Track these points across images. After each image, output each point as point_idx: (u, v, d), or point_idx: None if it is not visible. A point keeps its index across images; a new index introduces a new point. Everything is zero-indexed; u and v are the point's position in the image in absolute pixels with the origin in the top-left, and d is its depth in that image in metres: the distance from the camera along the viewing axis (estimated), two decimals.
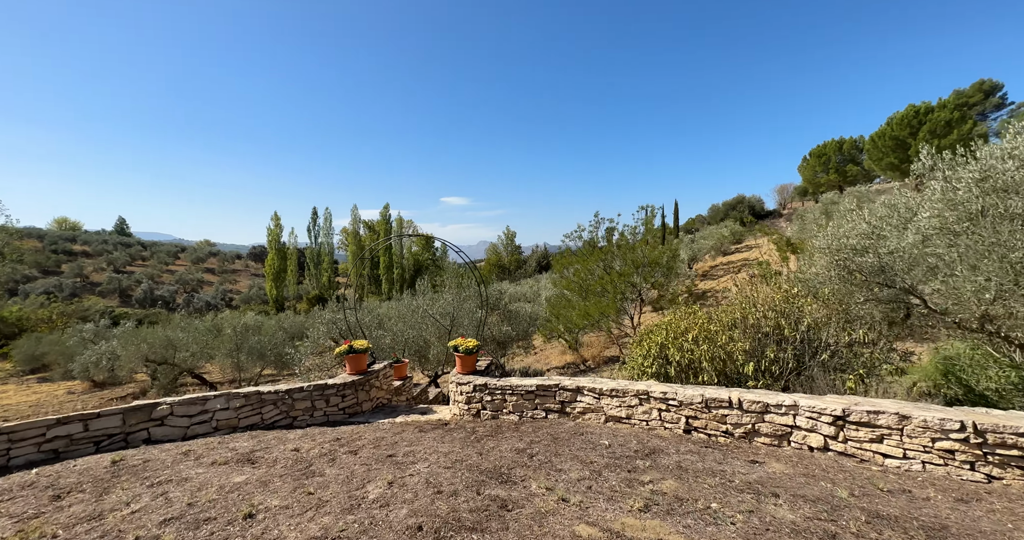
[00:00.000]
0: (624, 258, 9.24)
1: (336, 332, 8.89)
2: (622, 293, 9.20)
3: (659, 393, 3.89)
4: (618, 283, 8.94)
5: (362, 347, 5.58)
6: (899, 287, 4.38)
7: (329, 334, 8.89)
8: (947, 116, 30.60)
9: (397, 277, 54.37)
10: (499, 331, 10.81)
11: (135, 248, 63.18)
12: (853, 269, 4.59)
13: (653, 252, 9.08)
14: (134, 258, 60.40)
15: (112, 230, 75.75)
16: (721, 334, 5.66)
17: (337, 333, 8.90)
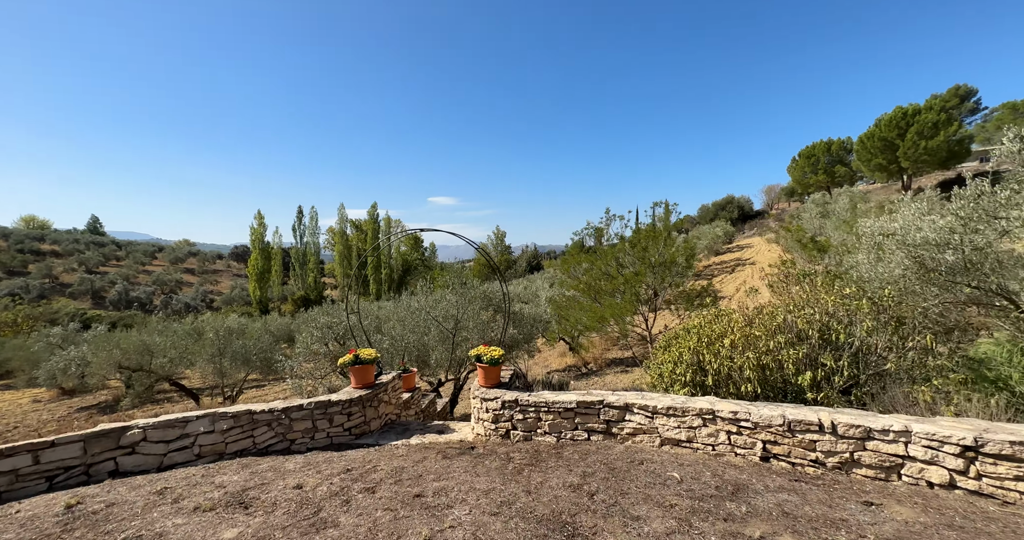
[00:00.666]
0: (639, 256, 8.76)
1: (331, 337, 8.17)
2: (637, 294, 8.70)
3: (727, 413, 3.34)
4: (633, 283, 8.45)
5: (369, 357, 4.91)
6: (990, 288, 3.94)
7: (323, 339, 8.15)
8: (934, 118, 31.14)
9: (386, 277, 53.20)
10: (506, 334, 10.19)
11: (109, 248, 60.51)
12: (931, 266, 4.13)
13: (670, 250, 8.62)
14: (108, 258, 57.81)
15: (84, 229, 72.47)
16: (765, 339, 5.17)
17: (332, 338, 8.18)
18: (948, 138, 30.89)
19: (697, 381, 5.70)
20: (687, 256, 8.65)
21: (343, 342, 8.21)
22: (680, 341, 6.35)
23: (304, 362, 8.68)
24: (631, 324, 8.98)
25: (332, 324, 8.17)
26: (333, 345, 8.30)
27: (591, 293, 9.48)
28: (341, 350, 8.09)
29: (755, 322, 5.47)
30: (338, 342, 8.20)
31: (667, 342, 6.97)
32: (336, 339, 8.14)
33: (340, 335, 8.12)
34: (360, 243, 55.39)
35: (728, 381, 5.42)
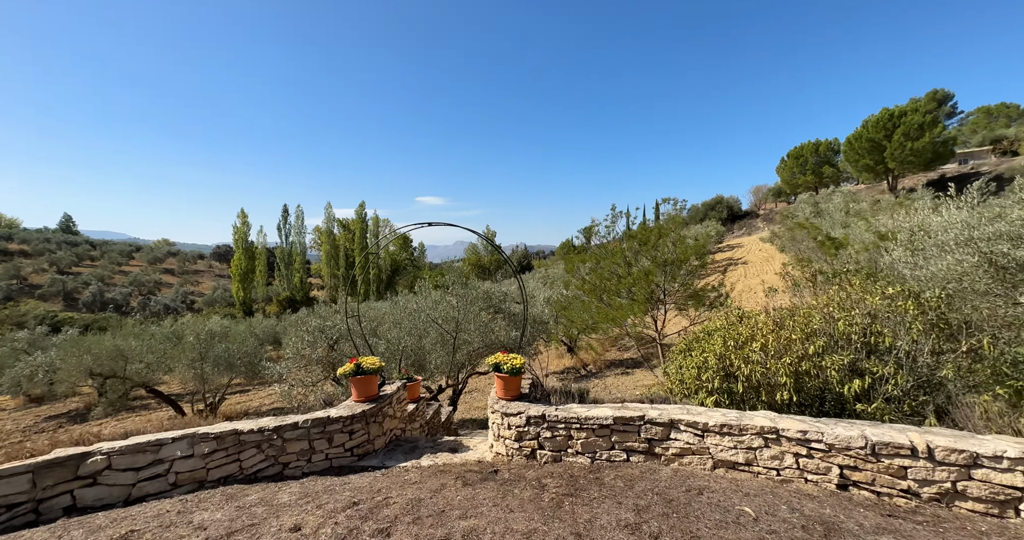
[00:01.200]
0: (649, 254, 8.37)
1: (323, 341, 7.57)
2: (649, 294, 8.31)
3: (794, 432, 2.91)
4: (645, 283, 8.06)
5: (373, 367, 4.36)
6: None
7: (315, 344, 7.54)
8: (919, 119, 31.72)
9: (374, 278, 52.12)
10: (506, 336, 9.71)
11: (83, 247, 58.05)
12: (1003, 264, 3.78)
13: (681, 248, 8.26)
14: (81, 258, 55.42)
15: (56, 228, 69.40)
16: (802, 344, 4.79)
17: (324, 342, 7.57)
18: (933, 139, 31.50)
19: (724, 388, 5.31)
20: (698, 254, 8.29)
21: (335, 346, 7.62)
22: (703, 344, 5.95)
23: (294, 368, 8.05)
24: (642, 325, 8.58)
25: (324, 328, 7.57)
26: (325, 350, 7.70)
27: (597, 293, 9.06)
28: (334, 355, 7.50)
29: (787, 324, 5.09)
30: (331, 347, 7.60)
31: (687, 345, 6.57)
32: (329, 344, 7.55)
33: (333, 339, 7.53)
34: (348, 243, 54.22)
35: (760, 388, 5.03)
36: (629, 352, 18.23)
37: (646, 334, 8.47)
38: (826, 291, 5.56)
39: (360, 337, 6.53)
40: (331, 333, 7.49)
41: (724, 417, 3.25)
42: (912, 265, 4.83)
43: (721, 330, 6.12)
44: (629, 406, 3.70)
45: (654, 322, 8.43)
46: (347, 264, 53.35)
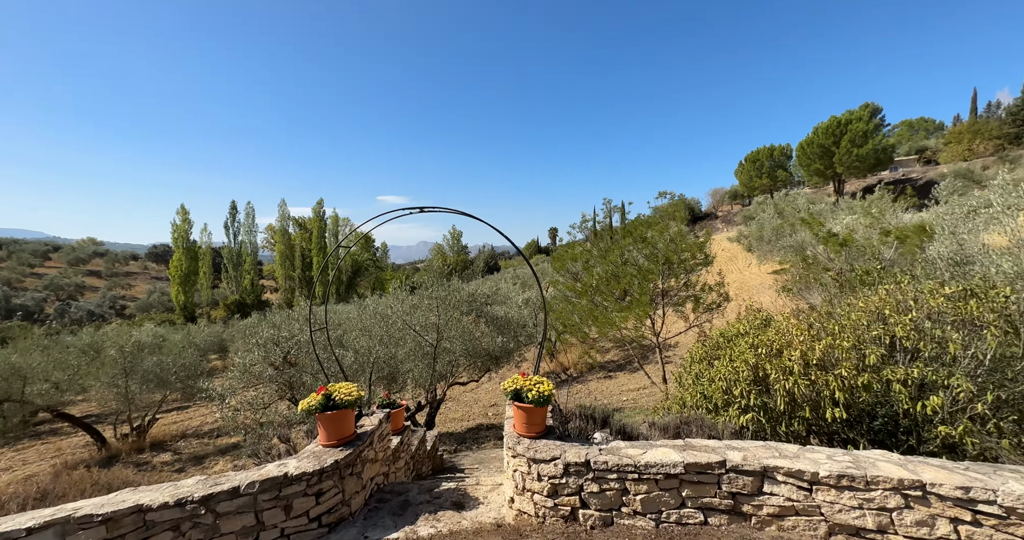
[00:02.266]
0: (648, 252, 7.69)
1: (278, 355, 6.20)
2: (650, 296, 7.62)
3: (951, 489, 2.14)
4: (647, 282, 7.37)
5: (349, 397, 3.23)
6: None
7: (268, 358, 6.16)
8: (863, 127, 33.86)
9: (333, 279, 49.14)
10: (492, 343, 8.70)
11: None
12: None
13: (683, 244, 7.64)
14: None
15: None
16: (851, 353, 4.16)
17: (280, 357, 6.21)
18: (875, 146, 33.75)
19: (758, 404, 4.61)
20: (701, 249, 7.70)
21: (293, 361, 6.30)
22: (730, 352, 5.26)
23: (241, 388, 6.62)
24: (641, 328, 7.87)
25: (280, 339, 6.22)
26: (281, 365, 6.35)
27: (591, 294, 8.26)
28: (292, 372, 6.18)
29: (830, 329, 4.47)
30: (288, 362, 6.27)
31: (707, 353, 5.88)
32: (286, 358, 6.22)
33: (290, 352, 6.20)
34: (304, 242, 50.89)
35: (801, 404, 4.37)
36: (609, 354, 17.71)
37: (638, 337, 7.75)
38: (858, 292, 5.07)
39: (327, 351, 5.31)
40: (287, 345, 6.16)
41: (838, 464, 2.44)
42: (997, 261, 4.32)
43: (747, 336, 5.48)
44: (696, 445, 2.83)
45: (652, 324, 7.74)
46: (303, 265, 50.03)
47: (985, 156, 38.66)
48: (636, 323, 7.38)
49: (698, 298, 7.96)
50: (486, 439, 10.93)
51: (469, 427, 12.08)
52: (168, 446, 12.23)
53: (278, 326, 6.72)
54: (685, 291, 8.01)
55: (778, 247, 16.73)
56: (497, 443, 10.24)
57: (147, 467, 10.72)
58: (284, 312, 7.07)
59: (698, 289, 8.00)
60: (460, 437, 11.26)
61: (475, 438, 11.05)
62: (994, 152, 38.03)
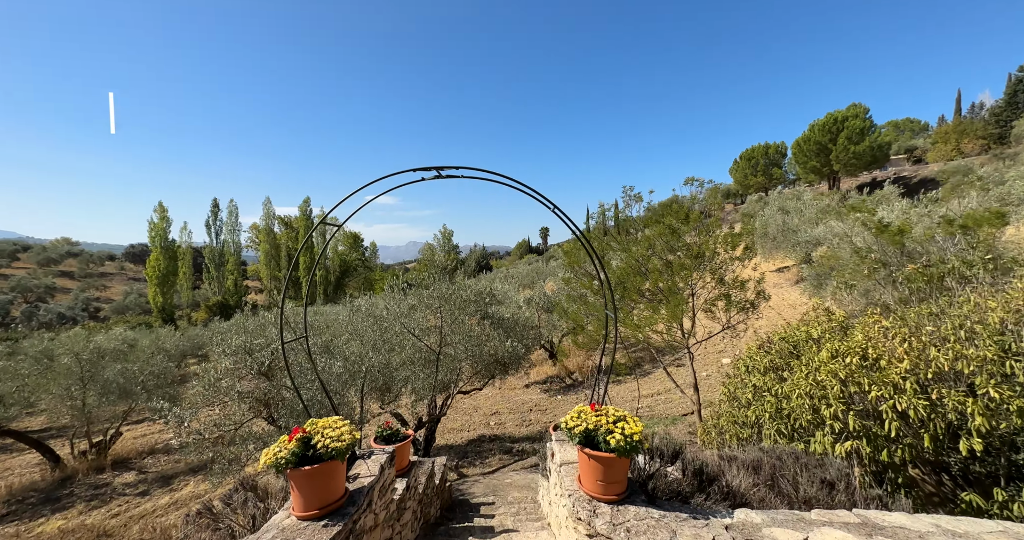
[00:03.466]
0: (679, 245, 6.78)
1: (252, 368, 5.08)
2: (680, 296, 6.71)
3: None
4: (672, 281, 6.45)
5: (338, 444, 2.19)
6: None
7: (238, 372, 5.05)
8: (861, 124, 33.68)
9: (321, 279, 47.60)
10: (501, 347, 7.69)
11: None
12: None
13: (717, 236, 6.74)
14: None
15: None
16: (991, 366, 3.26)
17: (254, 369, 5.09)
18: (871, 144, 33.62)
19: (855, 429, 3.68)
20: (735, 245, 6.80)
21: (270, 374, 5.19)
22: (808, 362, 4.34)
23: (206, 406, 5.49)
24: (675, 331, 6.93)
25: (253, 347, 5.11)
26: (255, 380, 5.25)
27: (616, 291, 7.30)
28: (268, 387, 5.07)
29: (960, 336, 3.56)
30: (263, 374, 5.17)
31: (771, 364, 4.94)
32: (261, 370, 5.12)
33: (266, 365, 5.08)
34: (290, 241, 49.18)
35: (916, 431, 3.46)
36: (616, 357, 16.82)
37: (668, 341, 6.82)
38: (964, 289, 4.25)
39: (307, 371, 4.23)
40: (262, 355, 5.06)
41: None
42: None
43: (821, 342, 4.57)
44: (882, 524, 1.85)
45: (680, 328, 6.81)
46: (289, 265, 48.27)
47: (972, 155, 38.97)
48: (668, 325, 6.44)
49: (729, 296, 7.05)
50: (490, 453, 9.91)
51: (470, 439, 11.04)
52: (133, 464, 10.93)
53: (251, 332, 5.60)
54: (717, 288, 7.10)
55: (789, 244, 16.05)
56: (503, 459, 9.23)
57: (106, 490, 9.44)
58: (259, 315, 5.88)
59: (732, 287, 7.10)
60: (461, 450, 10.21)
61: (478, 452, 10.01)
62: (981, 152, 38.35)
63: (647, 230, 7.38)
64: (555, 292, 15.83)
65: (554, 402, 12.91)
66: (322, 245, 48.77)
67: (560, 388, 14.33)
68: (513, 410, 12.66)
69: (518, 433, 10.93)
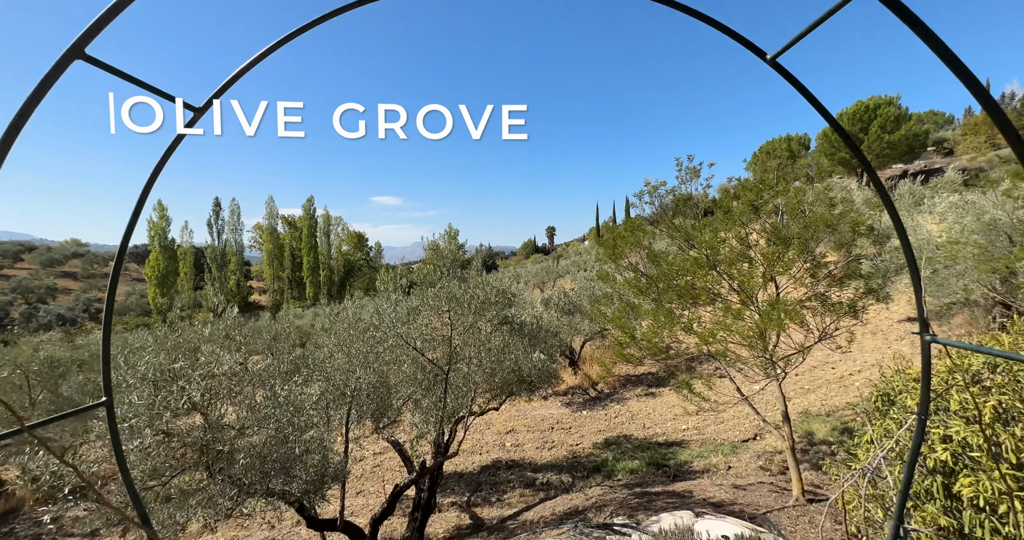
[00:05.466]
0: (770, 225, 5.08)
1: (181, 401, 3.43)
2: (779, 296, 5.03)
3: None
4: (774, 269, 4.78)
5: None
6: None
7: (154, 409, 3.40)
8: (895, 112, 31.48)
9: (324, 280, 46.35)
10: (527, 362, 6.02)
11: None
12: None
13: (827, 211, 5.01)
14: None
15: None
16: None
17: (184, 404, 3.45)
18: (907, 132, 31.44)
19: None
20: (857, 225, 5.05)
21: (206, 411, 3.57)
22: None
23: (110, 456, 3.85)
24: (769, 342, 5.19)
25: (177, 372, 3.47)
26: (188, 421, 3.63)
27: (672, 292, 5.61)
28: (199, 435, 3.44)
29: None
30: (199, 412, 3.55)
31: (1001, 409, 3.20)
32: (196, 407, 3.50)
33: (200, 400, 3.44)
34: (294, 241, 48.04)
35: None
36: (643, 366, 15.03)
37: (755, 357, 5.09)
38: None
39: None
40: (195, 388, 3.44)
41: None
42: None
43: None
44: None
45: (763, 336, 5.05)
46: (293, 265, 47.16)
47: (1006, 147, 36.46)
48: (757, 334, 4.72)
49: (825, 296, 5.34)
50: (508, 485, 8.22)
51: (483, 464, 9.37)
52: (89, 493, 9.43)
53: (167, 348, 3.96)
54: (815, 285, 5.37)
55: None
56: (525, 496, 7.54)
57: (52, 531, 7.94)
58: (183, 325, 4.15)
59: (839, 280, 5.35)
60: (474, 481, 8.54)
61: (493, 483, 8.34)
62: None
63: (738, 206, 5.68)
64: (576, 292, 14.12)
65: (579, 419, 11.20)
66: (327, 245, 47.55)
67: (584, 401, 12.60)
68: (531, 428, 10.96)
69: (540, 459, 9.24)
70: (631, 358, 5.99)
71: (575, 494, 7.15)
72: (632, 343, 6.06)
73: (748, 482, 6.15)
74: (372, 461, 9.99)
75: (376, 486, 8.94)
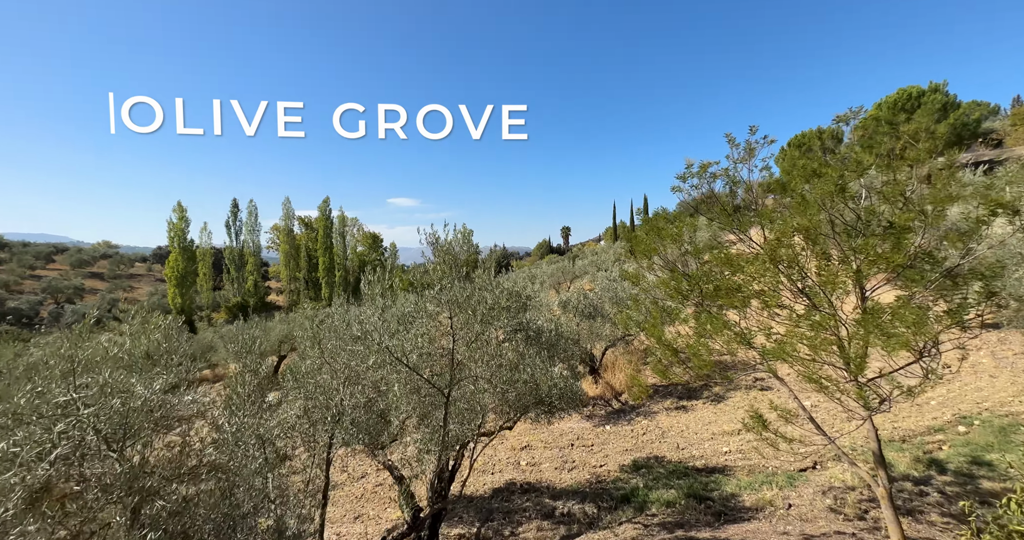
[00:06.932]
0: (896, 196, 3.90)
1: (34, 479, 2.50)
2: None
3: None
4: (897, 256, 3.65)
5: None
6: None
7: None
8: (942, 99, 29.17)
9: (339, 280, 46.23)
10: (546, 379, 5.02)
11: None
12: None
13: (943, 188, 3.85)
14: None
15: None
16: None
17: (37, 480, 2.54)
18: (955, 122, 29.07)
19: None
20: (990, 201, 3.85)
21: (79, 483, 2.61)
22: None
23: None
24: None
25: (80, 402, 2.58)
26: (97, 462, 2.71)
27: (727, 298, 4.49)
28: (73, 523, 2.50)
29: None
30: (64, 493, 2.60)
31: None
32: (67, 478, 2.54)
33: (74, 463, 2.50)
34: (310, 242, 48.16)
35: None
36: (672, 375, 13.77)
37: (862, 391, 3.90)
38: None
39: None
40: (97, 418, 2.55)
41: None
42: None
43: None
44: None
45: (841, 347, 3.88)
46: (309, 266, 47.27)
47: None
48: (860, 355, 3.58)
49: (961, 304, 4.14)
50: (523, 514, 7.18)
51: (495, 486, 8.36)
52: None
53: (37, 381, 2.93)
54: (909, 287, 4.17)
55: None
56: (543, 529, 6.49)
57: None
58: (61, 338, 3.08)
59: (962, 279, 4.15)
60: (485, 507, 7.54)
61: (507, 511, 7.31)
62: None
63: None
64: (597, 293, 13.00)
65: (602, 435, 10.09)
66: (342, 246, 47.50)
67: (606, 414, 11.47)
68: (548, 444, 9.91)
69: (559, 482, 8.19)
70: (674, 376, 4.87)
71: (602, 532, 6.08)
72: (673, 358, 4.95)
73: (820, 529, 4.99)
74: (374, 478, 9.10)
75: (377, 509, 8.06)
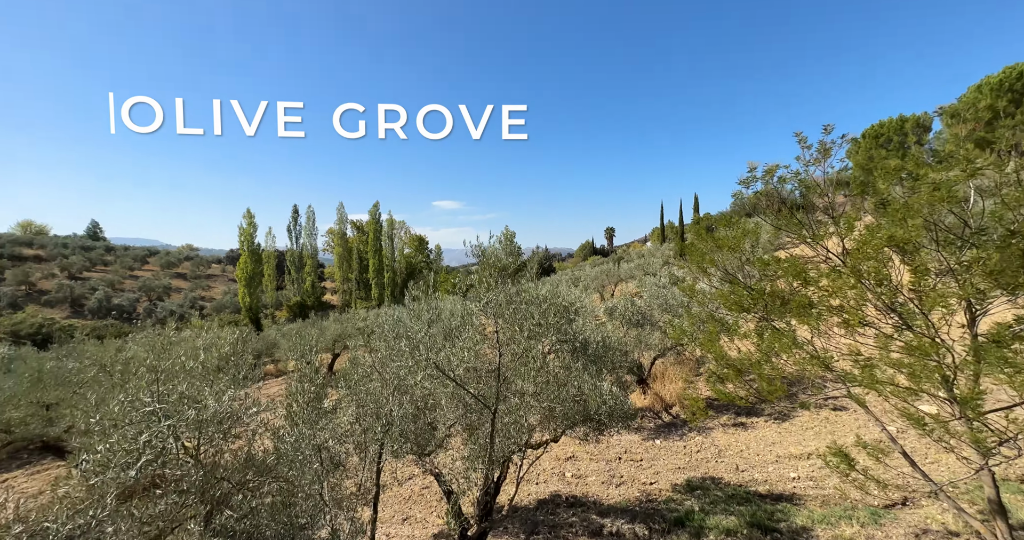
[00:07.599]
0: None
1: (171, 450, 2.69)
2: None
3: None
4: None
5: None
6: None
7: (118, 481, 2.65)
8: None
9: (388, 281, 48.16)
10: (595, 396, 4.82)
11: (97, 252, 56.39)
12: None
13: None
14: (94, 263, 53.63)
15: (83, 234, 68.37)
16: None
17: (174, 451, 2.73)
18: None
19: None
20: None
21: (203, 455, 2.83)
22: None
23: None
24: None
25: (168, 412, 2.78)
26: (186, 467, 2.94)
27: (802, 315, 4.03)
28: (159, 509, 2.71)
29: None
30: (193, 458, 2.82)
31: None
32: (186, 451, 2.74)
33: (190, 444, 2.71)
34: (362, 245, 50.65)
35: None
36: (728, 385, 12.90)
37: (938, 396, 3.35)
38: None
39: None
40: (182, 426, 2.72)
41: None
42: None
43: None
44: None
45: (953, 357, 3.28)
46: (360, 267, 49.71)
47: None
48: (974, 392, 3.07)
49: None
50: (571, 531, 6.96)
51: (540, 497, 8.21)
52: None
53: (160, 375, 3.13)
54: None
55: None
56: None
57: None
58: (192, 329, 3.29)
59: None
60: (530, 520, 7.42)
61: (552, 525, 7.13)
62: None
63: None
64: (646, 300, 12.46)
65: (651, 450, 9.61)
66: (391, 248, 49.54)
67: (656, 427, 10.92)
68: (595, 456, 9.60)
69: (606, 497, 7.89)
70: (738, 400, 4.49)
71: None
72: (736, 379, 4.56)
73: None
74: (421, 481, 9.29)
75: (424, 512, 8.20)
